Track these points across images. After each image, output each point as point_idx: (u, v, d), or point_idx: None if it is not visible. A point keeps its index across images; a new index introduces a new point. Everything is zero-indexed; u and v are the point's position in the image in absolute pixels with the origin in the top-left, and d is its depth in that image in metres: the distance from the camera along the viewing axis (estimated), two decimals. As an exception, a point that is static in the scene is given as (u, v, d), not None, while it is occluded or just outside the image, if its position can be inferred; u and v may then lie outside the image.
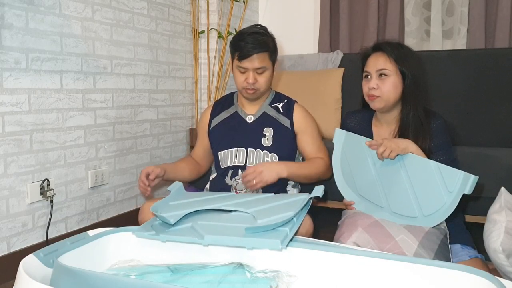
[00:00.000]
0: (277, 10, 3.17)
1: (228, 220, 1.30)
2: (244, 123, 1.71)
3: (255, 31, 1.62)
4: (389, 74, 1.51)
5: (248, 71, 1.60)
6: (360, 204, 1.55)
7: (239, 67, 1.61)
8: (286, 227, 1.22)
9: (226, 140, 1.70)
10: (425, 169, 1.40)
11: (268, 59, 1.62)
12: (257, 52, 1.57)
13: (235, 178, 1.67)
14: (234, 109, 1.75)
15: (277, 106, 1.71)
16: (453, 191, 1.34)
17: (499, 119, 2.25)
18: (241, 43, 1.58)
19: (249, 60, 1.58)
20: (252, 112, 1.71)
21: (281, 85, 2.69)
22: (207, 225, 1.27)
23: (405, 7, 2.78)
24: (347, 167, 1.58)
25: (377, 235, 1.38)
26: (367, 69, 1.56)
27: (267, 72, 1.62)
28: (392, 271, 1.13)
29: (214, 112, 1.78)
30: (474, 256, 1.47)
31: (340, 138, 1.59)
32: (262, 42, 1.59)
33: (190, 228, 1.27)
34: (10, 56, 1.67)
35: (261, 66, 1.59)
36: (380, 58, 1.53)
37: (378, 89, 1.52)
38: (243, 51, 1.57)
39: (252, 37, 1.58)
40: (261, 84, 1.62)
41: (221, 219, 1.31)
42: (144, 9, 2.32)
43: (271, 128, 1.68)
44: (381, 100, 1.52)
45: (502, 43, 2.54)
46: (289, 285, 1.15)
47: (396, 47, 1.54)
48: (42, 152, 1.81)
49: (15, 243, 1.73)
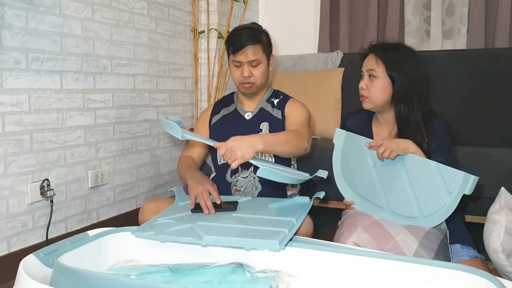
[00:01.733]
0: (277, 10, 3.17)
1: (228, 221, 1.31)
2: (243, 120, 1.72)
3: (248, 27, 1.67)
4: (377, 76, 1.52)
5: (243, 64, 1.63)
6: (360, 204, 1.55)
7: (234, 61, 1.65)
8: (284, 228, 1.21)
9: (224, 136, 1.67)
10: (425, 169, 1.40)
11: (261, 52, 1.64)
12: (250, 44, 1.61)
13: (235, 175, 1.68)
14: (234, 106, 1.77)
15: (273, 101, 1.74)
16: (453, 191, 1.34)
17: (499, 119, 2.25)
18: (235, 37, 1.63)
19: (242, 52, 1.61)
20: (250, 109, 1.74)
21: (282, 85, 2.68)
22: (206, 225, 1.28)
23: (405, 7, 2.78)
24: (347, 167, 1.58)
25: (377, 235, 1.38)
26: (362, 68, 1.59)
27: (261, 65, 1.65)
28: (392, 271, 1.13)
29: (215, 110, 1.80)
30: (474, 256, 1.47)
31: (340, 138, 1.59)
32: (255, 35, 1.63)
33: (189, 228, 1.27)
34: (10, 56, 1.67)
35: (255, 58, 1.62)
36: (371, 59, 1.55)
37: (367, 89, 1.54)
38: (237, 44, 1.62)
39: (245, 31, 1.63)
40: (256, 77, 1.65)
41: (221, 220, 1.32)
42: (144, 9, 2.32)
43: (267, 123, 1.70)
44: (369, 101, 1.55)
45: (502, 43, 2.54)
46: (289, 285, 1.15)
47: (390, 50, 1.54)
48: (42, 152, 1.81)
49: (15, 243, 1.73)
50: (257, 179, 1.66)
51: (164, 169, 2.53)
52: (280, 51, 3.00)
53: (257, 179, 1.66)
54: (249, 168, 1.67)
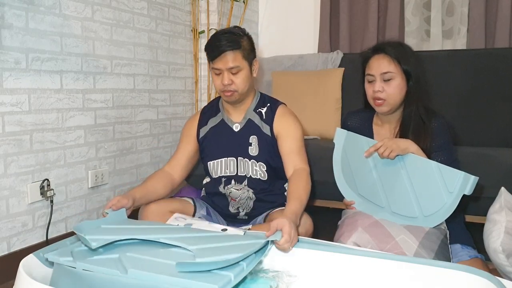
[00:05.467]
0: (277, 10, 3.17)
1: (163, 255, 1.08)
2: (232, 132, 1.65)
3: (229, 31, 1.58)
4: (393, 77, 1.50)
5: (223, 72, 1.55)
6: (361, 204, 1.55)
7: (213, 69, 1.57)
8: (230, 271, 0.99)
9: (215, 150, 1.66)
10: (425, 169, 1.40)
11: (241, 58, 1.54)
12: (228, 50, 1.52)
13: (228, 187, 1.65)
14: (221, 116, 1.69)
15: (260, 112, 1.65)
16: (453, 191, 1.35)
17: (499, 119, 2.25)
18: (214, 43, 1.54)
19: (220, 59, 1.53)
20: (238, 120, 1.66)
21: (282, 85, 2.68)
22: (136, 258, 1.07)
23: (405, 7, 2.78)
24: (348, 167, 1.58)
25: (377, 235, 1.38)
26: (370, 72, 1.54)
27: (242, 72, 1.55)
28: (392, 271, 1.13)
29: (202, 121, 1.71)
30: (474, 256, 1.47)
31: (341, 138, 1.59)
32: (234, 41, 1.53)
33: (116, 259, 1.07)
34: (10, 56, 1.67)
35: (234, 65, 1.53)
36: (383, 60, 1.51)
37: (383, 92, 1.50)
38: (215, 50, 1.53)
39: (225, 37, 1.54)
40: (238, 85, 1.55)
41: (155, 254, 1.09)
42: (144, 9, 2.32)
43: (255, 136, 1.63)
44: (387, 104, 1.52)
45: (502, 43, 2.54)
46: (289, 285, 1.15)
47: (397, 47, 1.54)
48: (42, 152, 1.81)
49: (15, 243, 1.73)
50: (251, 191, 1.64)
51: (164, 169, 2.53)
52: (280, 51, 3.00)
53: (251, 191, 1.64)
54: (243, 182, 1.64)
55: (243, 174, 1.64)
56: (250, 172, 1.63)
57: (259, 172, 1.63)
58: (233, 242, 1.15)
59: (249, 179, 1.63)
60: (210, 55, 1.56)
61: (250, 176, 1.63)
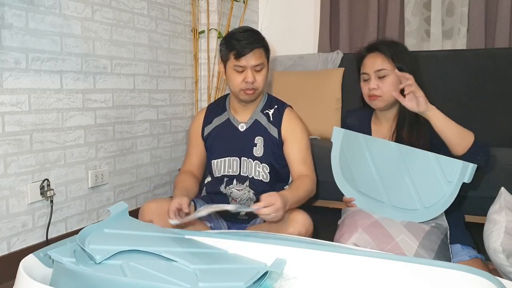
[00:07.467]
0: (277, 10, 3.17)
1: (165, 270, 1.08)
2: (237, 132, 1.65)
3: (246, 29, 1.59)
4: (387, 74, 1.52)
5: (246, 69, 1.54)
6: (361, 200, 1.55)
7: (236, 66, 1.55)
8: None
9: (219, 149, 1.67)
10: (423, 160, 1.40)
11: (264, 55, 1.57)
12: (254, 48, 1.53)
13: (229, 186, 1.65)
14: (226, 115, 1.68)
15: (268, 113, 1.65)
16: (452, 180, 1.35)
17: (499, 119, 2.25)
18: (235, 41, 1.54)
19: (246, 57, 1.53)
20: (244, 120, 1.66)
21: (282, 85, 2.69)
22: (139, 269, 1.07)
23: (405, 7, 2.78)
24: (346, 165, 1.58)
25: (377, 235, 1.38)
26: (365, 70, 1.56)
27: (264, 69, 1.58)
28: (392, 271, 1.13)
29: (207, 120, 1.71)
30: (474, 256, 1.47)
31: (338, 137, 1.60)
32: (257, 38, 1.56)
33: (118, 266, 1.07)
34: (10, 56, 1.67)
35: (259, 62, 1.54)
36: (377, 58, 1.54)
37: (378, 89, 1.53)
38: (239, 48, 1.52)
39: (246, 34, 1.55)
40: (259, 83, 1.57)
41: (157, 267, 1.09)
42: (144, 9, 2.32)
43: (261, 137, 1.63)
44: (382, 99, 1.54)
45: (502, 43, 2.54)
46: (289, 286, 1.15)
47: (391, 45, 1.56)
48: (42, 152, 1.81)
49: (15, 243, 1.73)
50: (251, 191, 1.64)
51: (164, 169, 2.53)
52: (280, 51, 3.00)
53: (251, 191, 1.64)
54: (244, 183, 1.64)
55: (245, 175, 1.64)
56: (252, 172, 1.63)
57: (261, 173, 1.63)
58: (235, 265, 1.17)
59: (251, 180, 1.63)
60: (235, 54, 1.53)
61: (253, 177, 1.63)
